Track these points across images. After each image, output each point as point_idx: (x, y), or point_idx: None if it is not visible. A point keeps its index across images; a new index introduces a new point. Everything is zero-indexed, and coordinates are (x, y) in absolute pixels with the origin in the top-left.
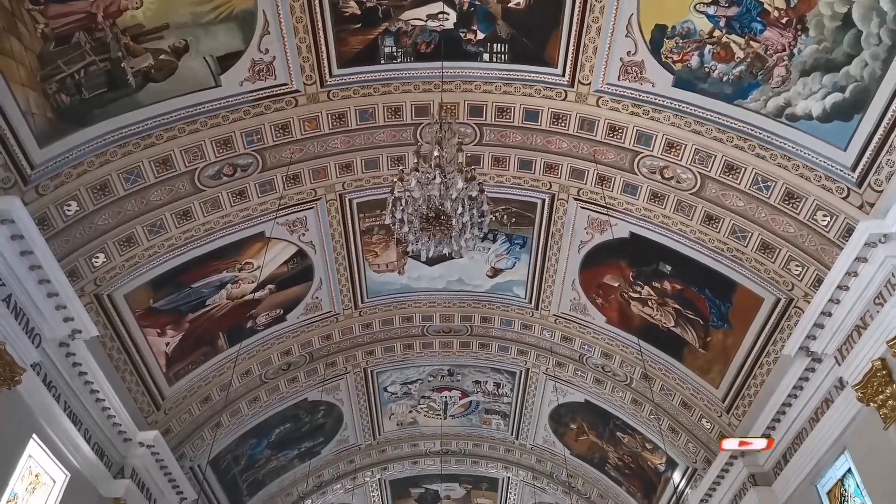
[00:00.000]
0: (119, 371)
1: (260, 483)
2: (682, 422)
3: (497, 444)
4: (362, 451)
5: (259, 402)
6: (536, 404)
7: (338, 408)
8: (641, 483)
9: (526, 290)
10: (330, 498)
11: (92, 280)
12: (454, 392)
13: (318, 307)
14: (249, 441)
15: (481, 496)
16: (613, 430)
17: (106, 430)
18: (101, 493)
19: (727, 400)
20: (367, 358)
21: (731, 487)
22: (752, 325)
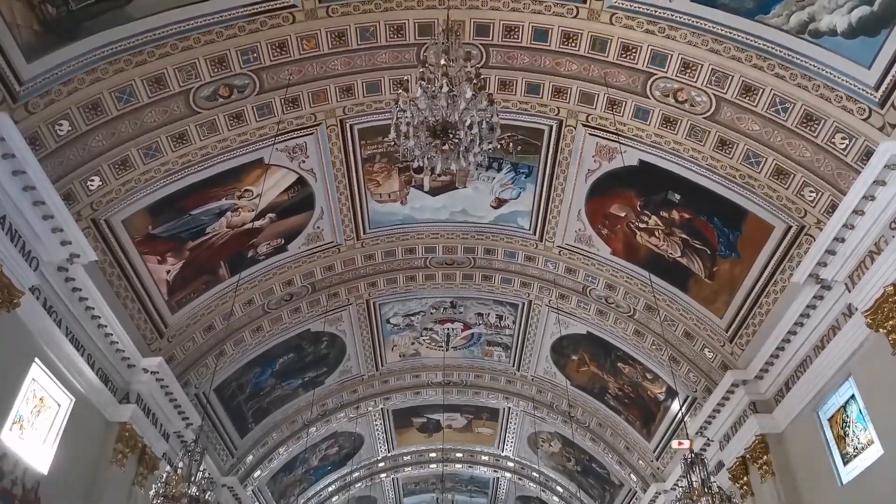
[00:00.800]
0: (120, 298)
1: (265, 411)
2: (684, 352)
3: (498, 375)
4: (365, 381)
5: (262, 331)
6: (538, 336)
7: (340, 339)
8: (640, 412)
9: (530, 221)
10: (334, 426)
11: (88, 204)
12: (456, 324)
13: (319, 237)
14: (254, 370)
15: (482, 426)
16: (614, 361)
17: (109, 357)
18: (106, 418)
19: (731, 330)
20: (369, 289)
21: (731, 415)
22: (760, 253)
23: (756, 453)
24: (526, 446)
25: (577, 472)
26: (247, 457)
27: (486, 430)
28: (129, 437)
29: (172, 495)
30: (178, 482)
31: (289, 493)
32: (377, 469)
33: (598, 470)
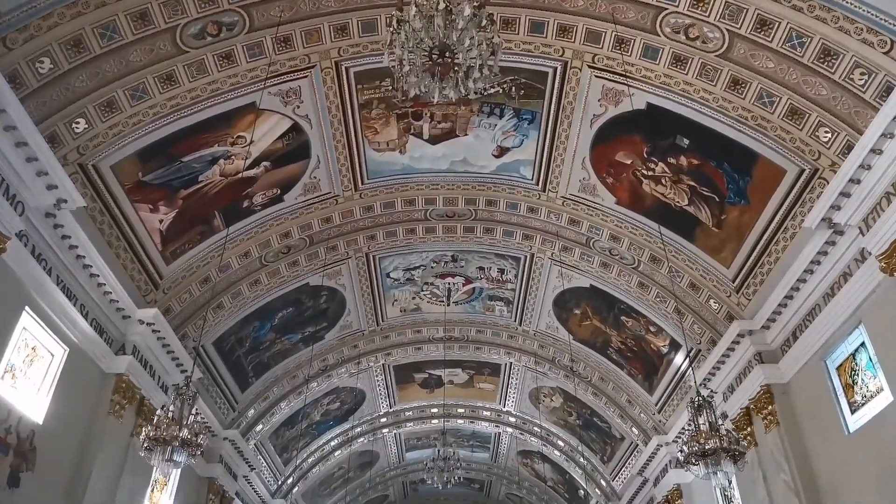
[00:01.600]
0: (112, 247)
1: (265, 365)
2: (689, 304)
3: (500, 330)
4: (366, 336)
5: (260, 284)
6: (541, 290)
7: (340, 293)
8: (643, 365)
9: (533, 171)
10: (335, 381)
11: (74, 148)
12: (458, 278)
13: (316, 188)
14: (252, 324)
15: (483, 381)
16: (617, 315)
17: (104, 307)
18: (102, 370)
19: (738, 280)
20: (368, 242)
21: (735, 366)
22: (771, 199)
23: (760, 404)
24: (527, 401)
25: (579, 426)
26: (248, 411)
27: (487, 385)
28: (126, 388)
29: (163, 438)
30: (170, 425)
31: (291, 448)
32: (379, 424)
33: (599, 424)
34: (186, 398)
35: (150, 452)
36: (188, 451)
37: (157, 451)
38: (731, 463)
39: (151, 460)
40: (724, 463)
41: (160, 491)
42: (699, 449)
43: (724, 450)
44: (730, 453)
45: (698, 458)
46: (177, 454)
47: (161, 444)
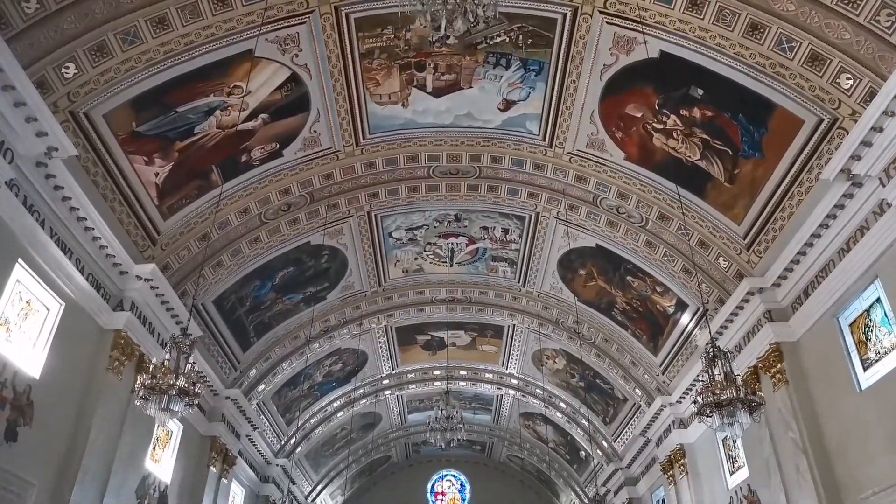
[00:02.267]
0: (107, 200)
1: (266, 325)
2: (698, 262)
3: (503, 291)
4: (368, 297)
5: (260, 242)
6: (545, 250)
7: (342, 253)
8: (648, 326)
9: (540, 125)
10: (337, 343)
11: (65, 94)
12: (461, 239)
13: (316, 142)
14: (253, 283)
15: (486, 343)
16: (623, 275)
17: (100, 262)
18: (100, 325)
19: (749, 236)
20: (370, 201)
21: (744, 325)
22: (787, 151)
23: (769, 362)
24: (530, 364)
25: (581, 388)
26: (250, 370)
27: (490, 347)
28: (124, 344)
29: (159, 387)
30: (166, 374)
31: (294, 408)
32: (381, 386)
33: (602, 386)
34: (183, 348)
35: (146, 402)
36: (185, 401)
37: (154, 400)
38: (746, 414)
39: (148, 409)
40: (740, 414)
41: (162, 448)
42: (714, 400)
43: (741, 400)
44: (746, 404)
45: (713, 409)
46: (174, 404)
47: (157, 393)
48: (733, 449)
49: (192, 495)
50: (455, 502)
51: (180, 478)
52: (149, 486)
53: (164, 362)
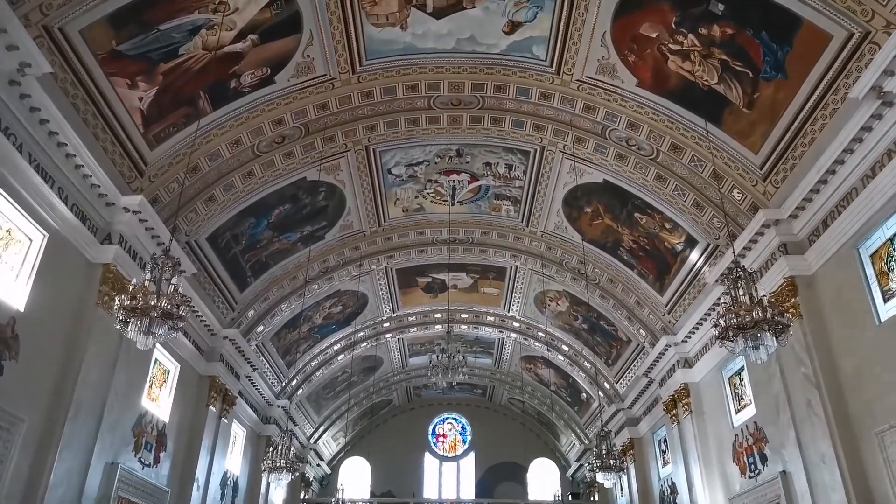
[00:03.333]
0: (89, 126)
1: (263, 265)
2: (710, 196)
3: (506, 231)
4: (367, 237)
5: (254, 177)
6: (550, 187)
7: (339, 190)
8: (655, 264)
9: (547, 50)
10: (336, 284)
11: (37, 7)
12: (463, 175)
13: (310, 68)
14: (248, 220)
15: (488, 285)
16: (631, 212)
17: (84, 193)
18: (88, 259)
19: (766, 166)
20: (368, 134)
21: (757, 259)
22: (812, 71)
23: (782, 297)
24: (532, 306)
25: (584, 330)
26: (248, 311)
27: (492, 290)
28: (114, 279)
29: (140, 308)
30: (147, 294)
31: (294, 350)
32: (382, 329)
33: (605, 327)
34: (166, 268)
35: (125, 325)
36: (169, 325)
37: (134, 322)
38: (773, 337)
39: (129, 333)
40: (766, 337)
41: (159, 387)
42: (738, 322)
43: (768, 322)
44: (773, 326)
45: (737, 331)
46: (156, 327)
47: (137, 313)
48: (740, 387)
49: (191, 434)
50: (456, 444)
51: (179, 417)
52: (146, 424)
53: (145, 283)
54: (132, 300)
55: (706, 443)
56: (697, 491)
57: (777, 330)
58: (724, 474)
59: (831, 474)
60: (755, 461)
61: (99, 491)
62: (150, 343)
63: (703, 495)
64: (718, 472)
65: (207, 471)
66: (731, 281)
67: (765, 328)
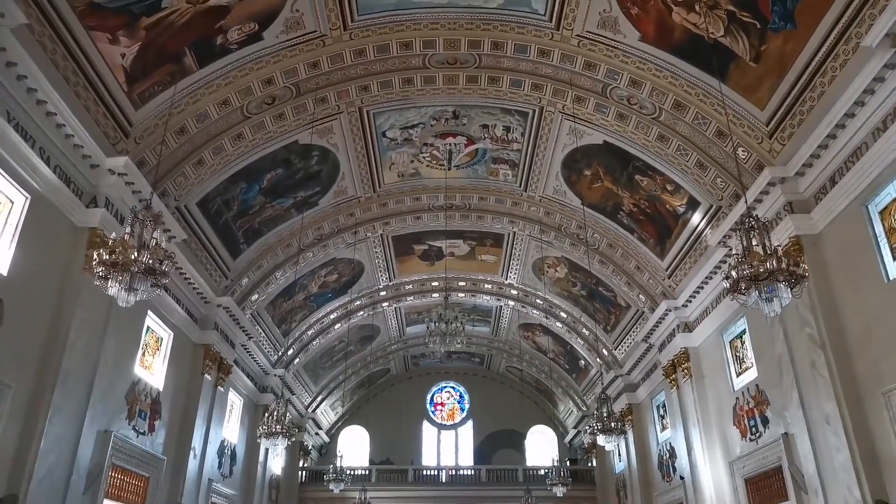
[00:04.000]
0: (70, 83)
1: (256, 232)
2: (714, 155)
3: (504, 196)
4: (362, 203)
5: (244, 140)
6: (549, 150)
7: (333, 154)
8: (655, 228)
9: (546, 4)
10: (331, 252)
11: None
12: (459, 139)
13: (299, 24)
14: (239, 185)
15: (486, 252)
16: (632, 174)
17: (67, 153)
18: (73, 223)
19: (773, 122)
20: (361, 94)
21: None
22: (822, 20)
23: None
24: (531, 273)
25: (583, 296)
26: (241, 279)
27: (489, 257)
28: (101, 243)
29: (121, 262)
30: (127, 248)
31: (290, 319)
32: (379, 298)
33: (604, 293)
34: (147, 222)
35: (105, 281)
36: (151, 281)
37: (115, 278)
38: (787, 288)
39: (109, 289)
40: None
41: (152, 355)
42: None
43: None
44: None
45: (750, 283)
46: (138, 282)
47: (117, 268)
48: (741, 350)
49: (186, 402)
50: (454, 413)
51: (174, 385)
52: (139, 391)
53: (125, 236)
54: (111, 254)
55: (706, 407)
56: (697, 454)
57: (791, 281)
58: (724, 438)
59: (836, 435)
60: (756, 424)
61: (92, 459)
62: (132, 300)
63: (703, 459)
64: (718, 436)
65: (204, 439)
66: (744, 231)
67: (779, 279)
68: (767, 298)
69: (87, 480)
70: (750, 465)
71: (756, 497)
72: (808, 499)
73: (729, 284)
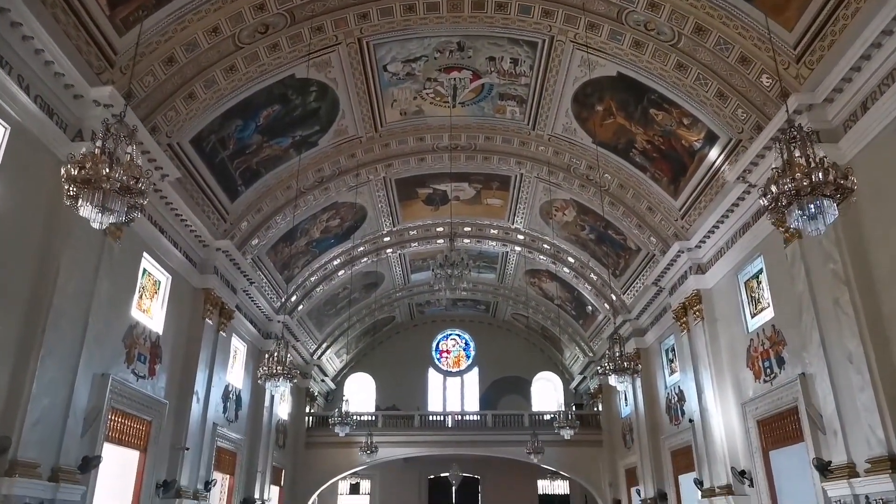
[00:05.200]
0: (47, 5)
1: (255, 173)
2: (735, 84)
3: (511, 135)
4: (363, 144)
5: (237, 72)
6: (559, 84)
7: (332, 90)
8: (670, 166)
9: None
10: (333, 195)
11: None
12: (464, 73)
13: None
14: (235, 122)
15: (492, 196)
16: (646, 108)
17: (48, 83)
18: (58, 157)
19: (801, 45)
20: (360, 24)
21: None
22: None
23: None
24: (538, 217)
25: (591, 240)
26: (241, 223)
27: (495, 200)
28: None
29: (91, 179)
30: (98, 162)
31: (292, 265)
32: (382, 244)
33: (613, 237)
34: (121, 136)
35: (75, 201)
36: (127, 200)
37: (85, 197)
38: (833, 204)
39: (81, 209)
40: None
41: (150, 298)
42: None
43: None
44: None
45: (791, 198)
46: (111, 202)
47: (89, 186)
48: (757, 290)
49: (188, 347)
50: (460, 360)
51: (174, 329)
52: (137, 335)
53: (95, 151)
54: (80, 170)
55: (718, 349)
56: (707, 397)
57: (838, 197)
58: (736, 380)
59: (858, 374)
60: (771, 365)
61: (89, 402)
62: (106, 222)
63: (714, 401)
64: (730, 378)
65: (207, 383)
66: (785, 143)
67: (826, 193)
68: (811, 216)
69: (85, 424)
70: (763, 407)
71: (769, 438)
72: (826, 439)
73: (767, 202)
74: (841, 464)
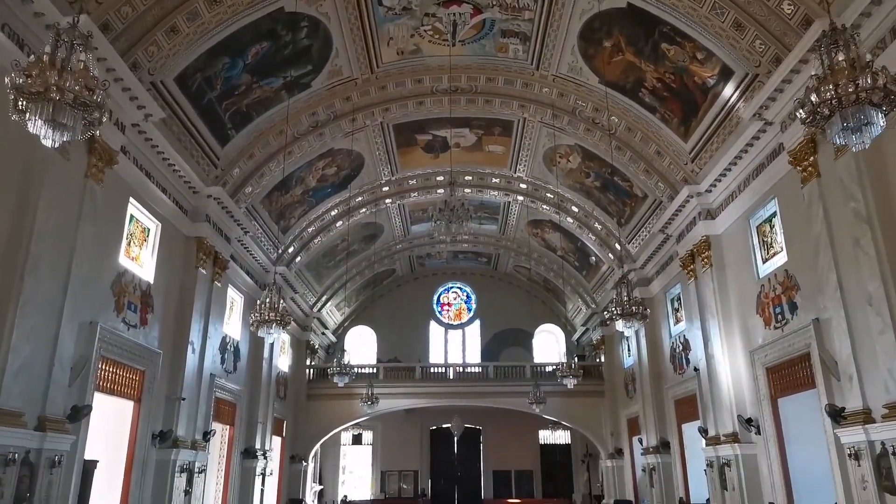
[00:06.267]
0: None
1: (245, 115)
2: (754, 12)
3: (514, 76)
4: (359, 86)
5: (221, 4)
6: (565, 17)
7: (323, 25)
8: (680, 105)
9: None
10: (328, 141)
11: None
12: (464, 7)
13: None
14: (221, 60)
15: (493, 143)
16: (658, 42)
17: (19, 14)
18: None
19: None
20: None
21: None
22: None
23: None
24: (541, 164)
25: (596, 188)
26: (233, 169)
27: (497, 147)
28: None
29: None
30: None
31: (288, 215)
32: (381, 194)
33: (619, 183)
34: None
35: (23, 115)
36: (83, 115)
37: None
38: (881, 115)
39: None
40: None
41: (139, 246)
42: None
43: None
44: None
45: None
46: (63, 115)
47: (36, 98)
48: (769, 234)
49: (181, 297)
50: (461, 313)
51: (166, 278)
52: (126, 283)
53: (44, 58)
54: (27, 79)
55: (726, 297)
56: (714, 345)
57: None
58: (745, 327)
59: (878, 316)
60: (783, 311)
61: (76, 351)
62: (59, 140)
63: (721, 349)
64: (739, 326)
65: (203, 334)
66: (826, 47)
67: (873, 101)
68: (854, 128)
69: (73, 373)
70: (773, 354)
71: (777, 385)
72: (840, 385)
73: (805, 113)
74: (856, 409)
